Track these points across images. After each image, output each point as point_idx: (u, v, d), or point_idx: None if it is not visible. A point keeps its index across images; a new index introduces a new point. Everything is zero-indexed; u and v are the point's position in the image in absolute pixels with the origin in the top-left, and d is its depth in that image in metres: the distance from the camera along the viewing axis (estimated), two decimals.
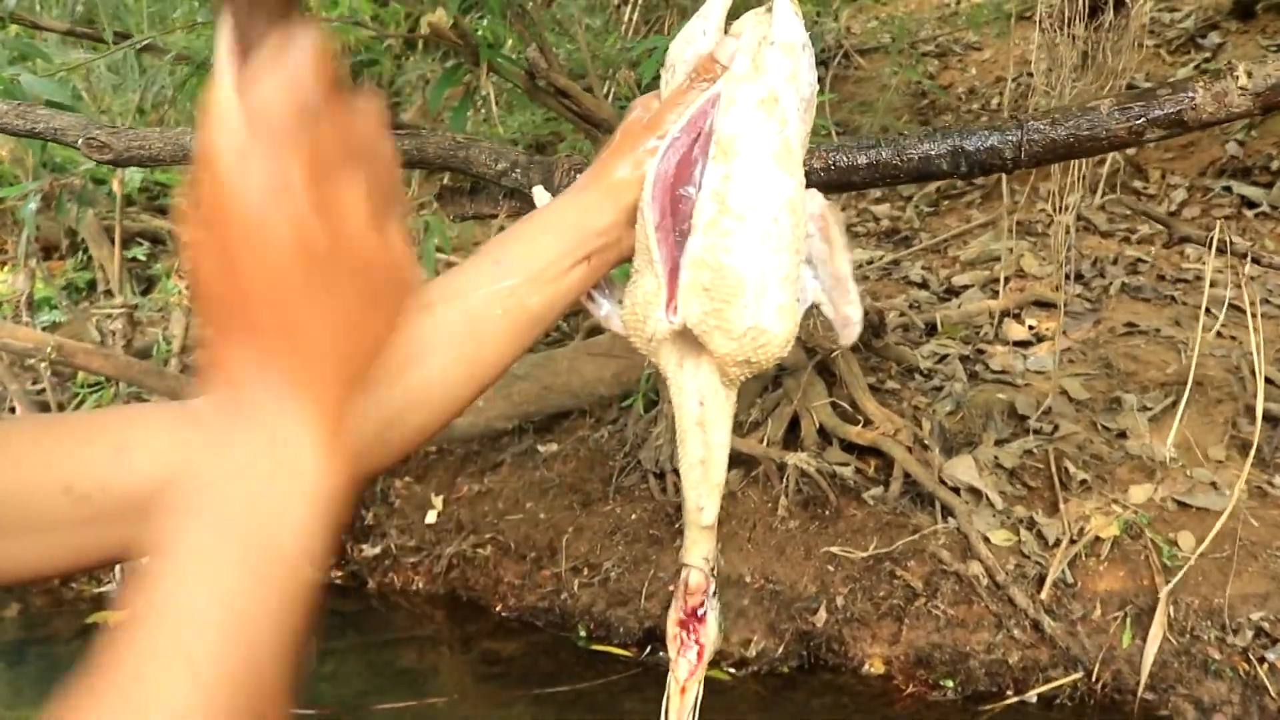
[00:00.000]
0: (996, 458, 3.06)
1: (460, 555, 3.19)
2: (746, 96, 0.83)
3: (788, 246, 0.82)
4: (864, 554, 2.89)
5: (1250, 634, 2.55)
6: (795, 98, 0.85)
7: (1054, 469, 2.98)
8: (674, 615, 0.91)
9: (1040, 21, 2.20)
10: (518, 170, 1.33)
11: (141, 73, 1.80)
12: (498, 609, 3.13)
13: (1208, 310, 3.50)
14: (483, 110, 2.55)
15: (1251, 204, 4.01)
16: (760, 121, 0.82)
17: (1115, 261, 3.82)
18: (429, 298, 0.79)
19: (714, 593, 0.94)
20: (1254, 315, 1.42)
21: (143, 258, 4.90)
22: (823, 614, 2.84)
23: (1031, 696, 2.63)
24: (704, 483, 0.90)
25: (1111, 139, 1.16)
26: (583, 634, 3.01)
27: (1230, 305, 3.45)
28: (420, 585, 3.25)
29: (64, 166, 2.80)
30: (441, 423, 0.81)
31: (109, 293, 4.23)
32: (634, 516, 3.13)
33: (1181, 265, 3.79)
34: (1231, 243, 1.31)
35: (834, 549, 2.90)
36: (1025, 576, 2.75)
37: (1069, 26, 2.13)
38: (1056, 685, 2.63)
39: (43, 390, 3.63)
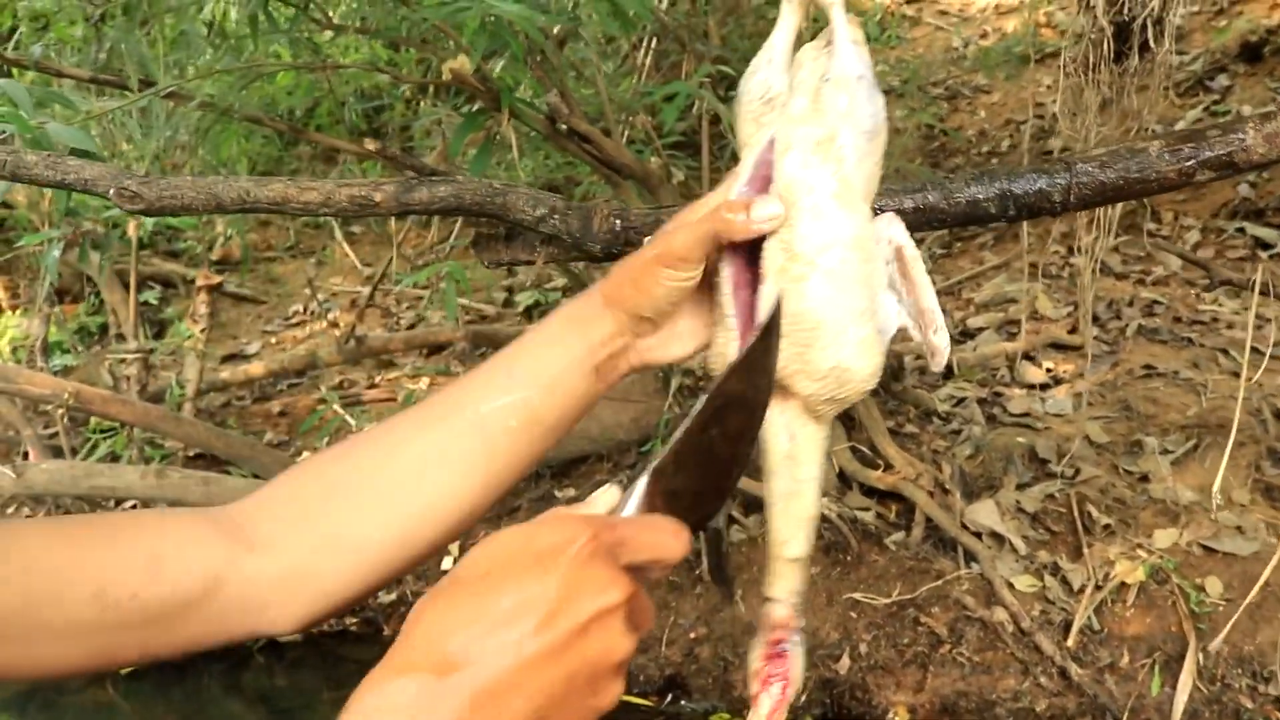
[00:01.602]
0: (1018, 502, 3.03)
1: None
2: (803, 139, 0.83)
3: (859, 282, 0.82)
4: (887, 600, 2.85)
5: None
6: (853, 133, 0.84)
7: (1076, 513, 2.96)
8: (756, 652, 0.89)
9: (1064, 66, 2.21)
10: (556, 216, 1.33)
11: (167, 119, 1.81)
12: None
13: (1225, 351, 3.48)
14: (505, 155, 2.56)
15: (1265, 245, 4.01)
16: (817, 164, 0.82)
17: (1131, 303, 3.81)
18: (443, 410, 0.79)
19: (799, 628, 0.92)
20: None
21: (154, 301, 4.91)
22: (846, 661, 2.81)
23: None
24: (789, 516, 0.89)
25: (1162, 181, 1.15)
26: None
27: (1252, 349, 3.44)
28: None
29: (76, 211, 2.81)
30: (453, 536, 0.82)
31: (121, 336, 4.23)
32: None
33: (1198, 308, 3.78)
34: (1275, 287, 1.29)
35: (856, 595, 2.87)
36: (1051, 623, 2.72)
37: (1094, 71, 2.14)
38: None
39: (55, 435, 3.61)
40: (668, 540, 0.62)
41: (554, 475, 3.29)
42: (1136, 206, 4.24)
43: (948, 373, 3.69)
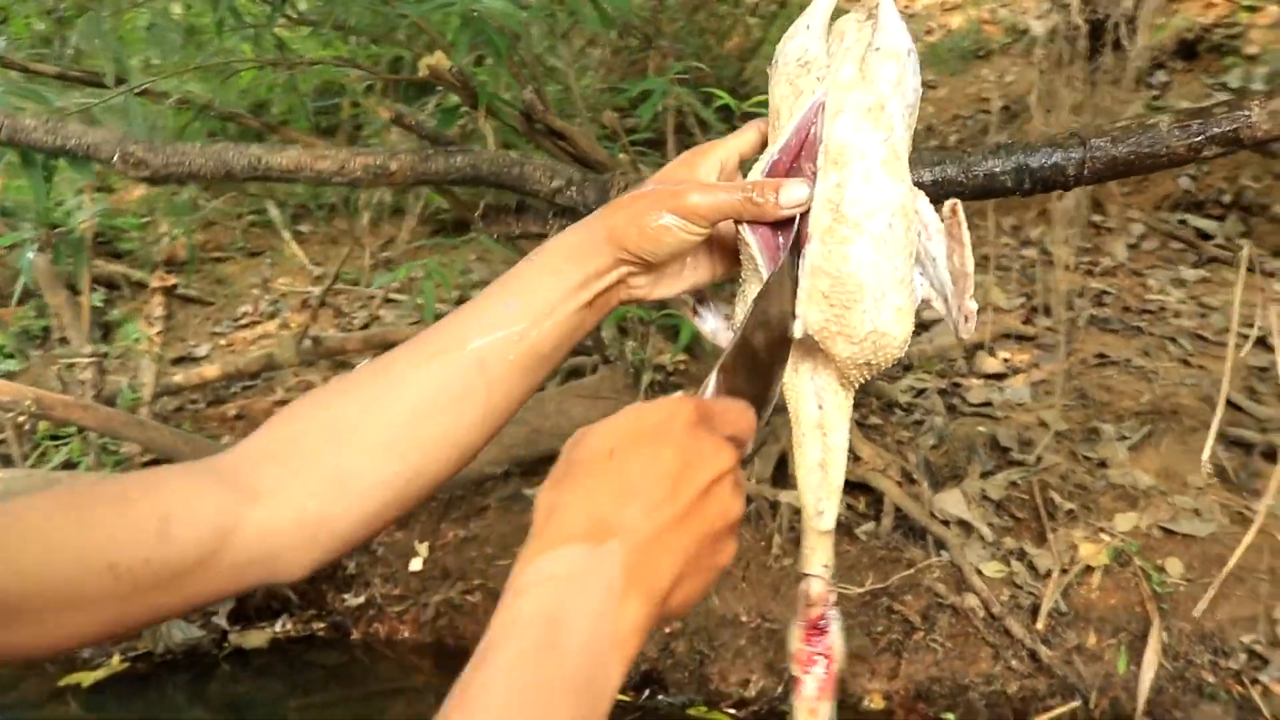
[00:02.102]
0: (983, 490, 3.09)
1: (447, 603, 3.14)
2: (855, 104, 0.84)
3: (902, 250, 0.83)
4: (860, 589, 2.89)
5: (1243, 657, 2.60)
6: (901, 104, 0.85)
7: (1039, 499, 3.03)
8: (795, 631, 0.89)
9: (1039, 63, 2.26)
10: (573, 188, 1.33)
11: (145, 118, 1.78)
12: None
13: (1174, 339, 3.58)
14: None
15: (1206, 236, 4.13)
16: (868, 129, 0.83)
17: (1081, 294, 3.91)
18: (439, 344, 0.79)
19: (835, 602, 0.93)
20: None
21: (99, 303, 4.79)
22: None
23: None
24: (824, 486, 0.89)
25: (1172, 155, 1.19)
26: None
27: (1195, 335, 3.54)
28: (406, 634, 3.19)
29: (38, 214, 2.74)
30: (456, 470, 0.83)
31: (64, 340, 4.12)
32: None
33: (1145, 297, 3.88)
34: (1262, 264, 1.34)
35: None
36: (1020, 607, 2.78)
37: (1067, 67, 2.20)
38: (1056, 715, 2.65)
39: (3, 440, 3.52)
40: (746, 415, 0.69)
41: (523, 473, 3.28)
42: (1082, 198, 4.34)
43: (906, 365, 3.74)
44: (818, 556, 0.90)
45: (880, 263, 0.81)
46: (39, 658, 0.69)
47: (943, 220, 0.87)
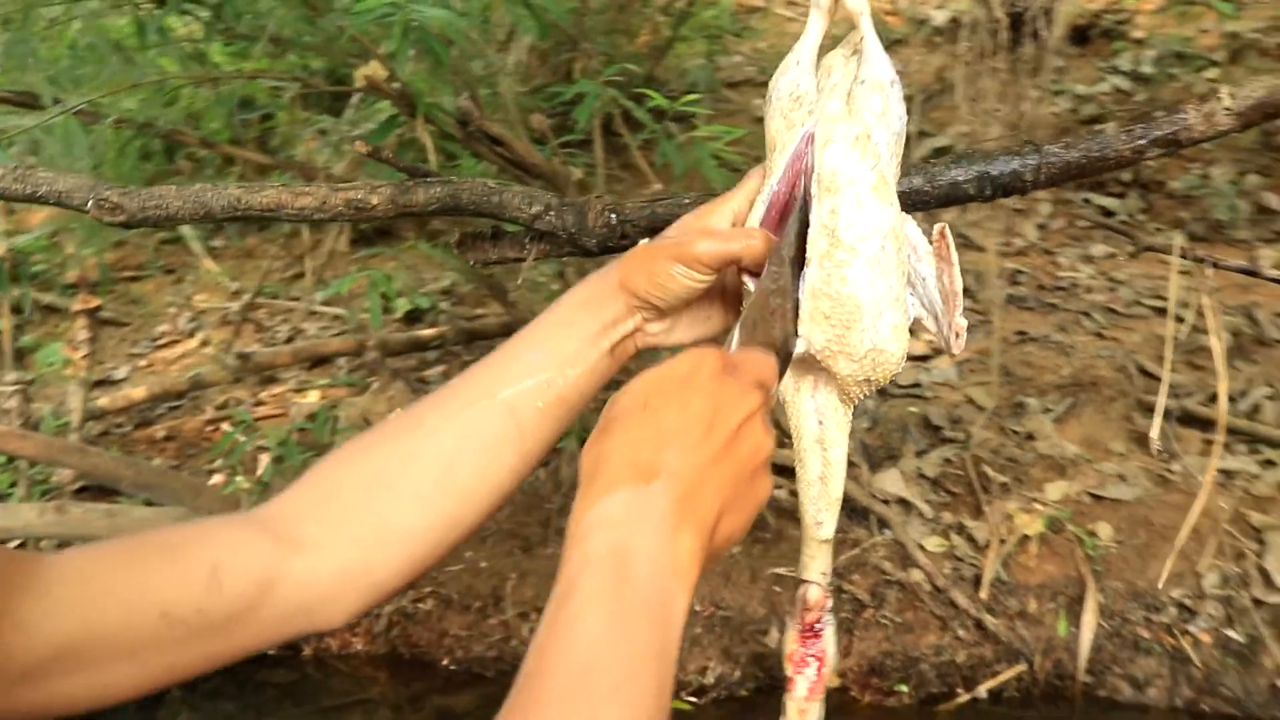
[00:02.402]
0: (919, 468, 3.19)
1: (400, 612, 3.13)
2: (843, 134, 0.88)
3: (895, 270, 0.88)
4: (791, 571, 2.97)
5: (1173, 611, 2.74)
6: (886, 133, 0.90)
7: (973, 474, 3.14)
8: (791, 633, 0.93)
9: (962, 55, 2.36)
10: (551, 213, 1.35)
11: (86, 135, 1.75)
12: (445, 663, 3.08)
13: (1087, 314, 3.74)
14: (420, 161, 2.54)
15: (1109, 213, 4.31)
16: (856, 157, 0.88)
17: (998, 274, 4.04)
18: (469, 396, 0.82)
19: (830, 607, 0.98)
20: (1213, 317, 1.55)
21: (6, 328, 4.64)
22: (774, 635, 2.91)
23: (981, 692, 2.76)
24: (823, 498, 0.94)
25: (1119, 158, 1.26)
26: None
27: (1107, 309, 3.70)
28: (359, 647, 3.17)
29: None
30: (490, 515, 0.86)
31: None
32: None
33: (1057, 275, 4.04)
34: (1194, 250, 1.44)
35: (780, 570, 2.98)
36: (963, 578, 2.89)
37: (990, 57, 2.30)
38: (1003, 679, 2.76)
39: None
40: (768, 361, 0.75)
41: None
42: None
43: None
44: (816, 564, 0.95)
45: (876, 283, 0.86)
46: (94, 709, 0.70)
47: (931, 243, 0.93)
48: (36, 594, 0.66)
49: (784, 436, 0.95)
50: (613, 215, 1.35)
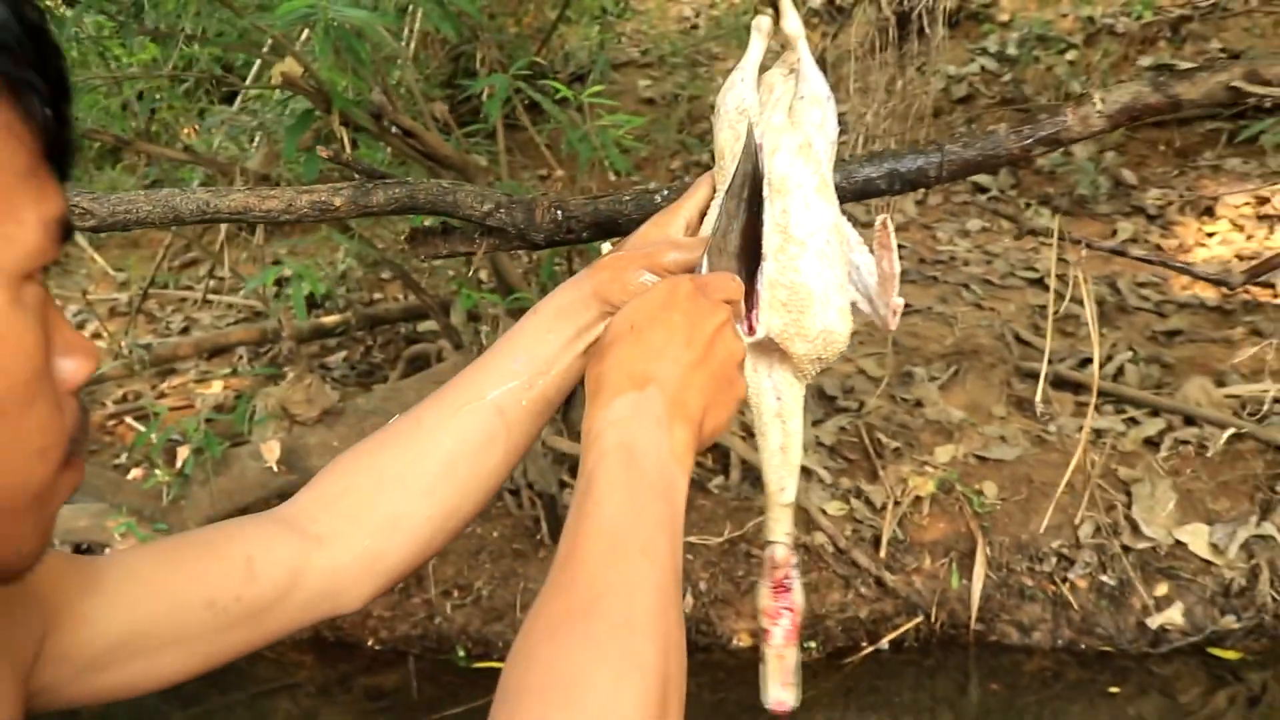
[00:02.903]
0: (817, 437, 3.37)
1: None
2: (788, 144, 1.01)
3: (838, 260, 1.00)
4: (718, 539, 3.13)
5: (1053, 560, 2.98)
6: (824, 141, 1.03)
7: (868, 440, 3.33)
8: (763, 590, 1.05)
9: (854, 50, 2.51)
10: (502, 210, 1.44)
11: None
12: (370, 643, 3.14)
13: (966, 286, 3.97)
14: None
15: (983, 189, 4.57)
16: (801, 164, 1.00)
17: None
18: (462, 398, 0.93)
19: (796, 563, 1.10)
20: (1088, 293, 1.73)
21: None
22: (689, 599, 3.06)
23: (884, 644, 2.96)
24: (785, 466, 1.05)
25: (1009, 155, 1.43)
26: (462, 654, 3.08)
27: (984, 280, 3.94)
28: None
29: None
30: (486, 503, 0.96)
31: None
32: (496, 534, 3.23)
33: (936, 249, 4.27)
34: (1070, 233, 1.61)
35: (691, 539, 3.12)
36: (863, 539, 3.08)
37: (879, 53, 2.45)
38: (903, 631, 2.97)
39: None
40: (733, 281, 0.88)
41: None
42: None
43: None
44: (781, 526, 1.05)
45: (824, 272, 0.98)
46: (142, 692, 0.79)
47: (874, 231, 1.05)
48: (99, 592, 0.74)
49: (743, 408, 1.07)
50: (559, 212, 1.45)
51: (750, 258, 1.00)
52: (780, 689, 0.96)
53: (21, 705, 0.66)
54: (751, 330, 0.98)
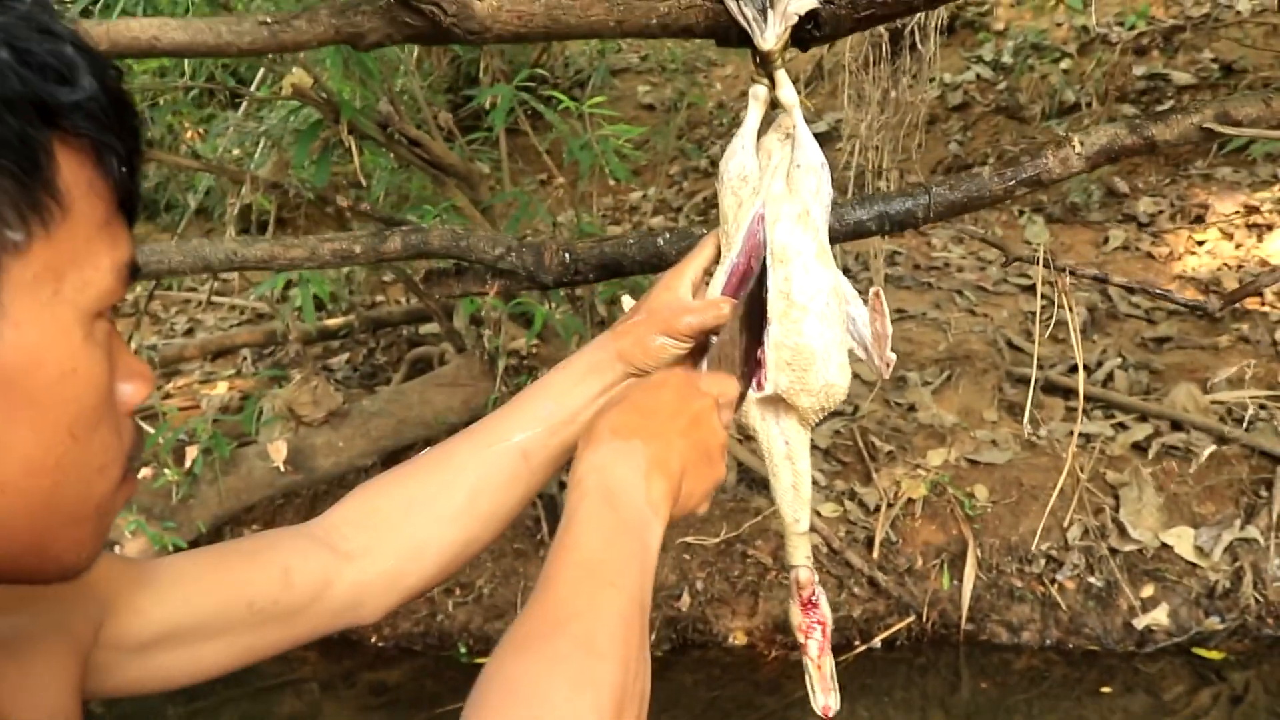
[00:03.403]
0: (812, 440, 3.43)
1: None
2: (787, 213, 1.07)
3: (837, 320, 1.07)
4: (715, 540, 3.19)
5: (1042, 562, 3.05)
6: (820, 208, 1.09)
7: (861, 444, 3.40)
8: (794, 609, 1.13)
9: (848, 65, 2.59)
10: (512, 254, 1.51)
11: None
12: (373, 640, 3.21)
13: (960, 292, 4.04)
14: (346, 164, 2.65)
15: None
16: (800, 232, 1.07)
17: (875, 255, 4.32)
18: (491, 438, 1.01)
19: (818, 581, 1.17)
20: (1071, 313, 1.80)
21: None
22: (686, 599, 3.13)
23: (876, 643, 3.03)
24: (797, 500, 1.13)
25: (992, 196, 1.50)
26: (463, 651, 3.15)
27: (978, 287, 4.01)
28: None
29: None
30: (499, 534, 1.05)
31: None
32: None
33: (930, 255, 4.34)
34: (1053, 256, 1.67)
35: (688, 539, 3.19)
36: (856, 540, 3.15)
37: (872, 68, 2.52)
38: (895, 630, 3.04)
39: None
40: (728, 380, 0.96)
41: (388, 463, 3.40)
42: (868, 167, 4.77)
43: None
44: (800, 552, 1.13)
45: (825, 332, 1.05)
46: (182, 684, 0.86)
47: (867, 301, 1.12)
48: (151, 588, 0.82)
49: (746, 439, 1.14)
50: (567, 255, 1.52)
51: (756, 320, 1.08)
52: (824, 695, 1.06)
53: (81, 685, 0.73)
54: (760, 387, 1.05)
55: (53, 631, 0.71)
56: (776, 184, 1.09)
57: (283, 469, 2.97)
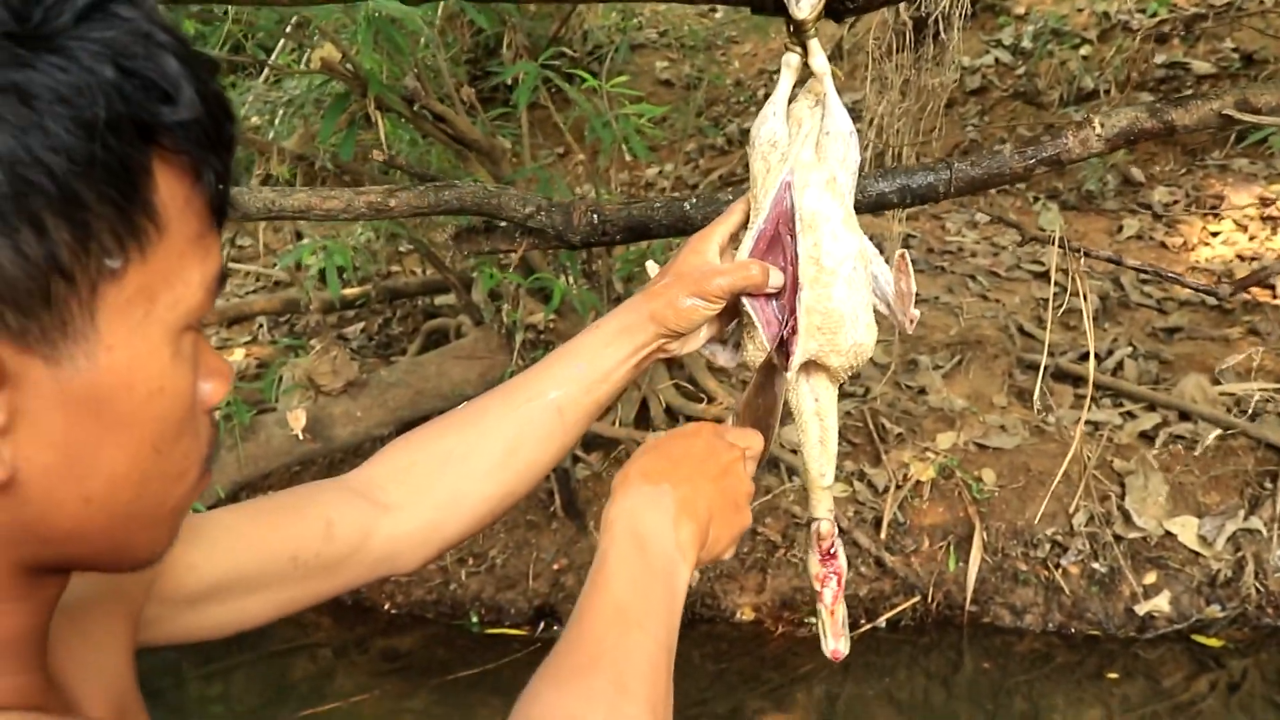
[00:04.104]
0: None
1: None
2: (816, 180, 1.11)
3: (864, 284, 1.11)
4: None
5: (1047, 547, 3.09)
6: (848, 175, 1.13)
7: (872, 425, 3.44)
8: (813, 559, 1.17)
9: (871, 52, 2.61)
10: (542, 213, 1.54)
11: None
12: (386, 608, 3.27)
13: (973, 277, 4.06)
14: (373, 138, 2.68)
15: None
16: (828, 198, 1.10)
17: (891, 239, 4.35)
18: (526, 394, 1.04)
19: (837, 534, 1.21)
20: (1085, 297, 1.82)
21: None
22: (695, 574, 3.17)
23: (881, 622, 3.08)
24: (824, 455, 1.17)
25: (1012, 174, 1.53)
26: (475, 620, 3.21)
27: (990, 272, 4.03)
28: None
29: None
30: (533, 488, 1.08)
31: None
32: None
33: (945, 239, 4.36)
34: (1068, 240, 1.70)
35: None
36: (864, 520, 3.19)
37: (895, 55, 2.54)
38: (900, 610, 3.09)
39: None
40: (753, 435, 0.98)
41: (401, 432, 3.45)
42: (886, 148, 4.78)
43: None
44: (823, 505, 1.17)
45: (853, 296, 1.08)
46: (229, 634, 0.90)
47: (891, 264, 1.15)
48: (199, 542, 0.85)
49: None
50: (595, 215, 1.55)
51: (788, 286, 1.11)
52: (834, 640, 1.09)
53: (133, 645, 0.77)
54: (789, 356, 1.09)
55: (109, 594, 0.74)
56: (805, 151, 1.12)
57: (301, 437, 3.01)
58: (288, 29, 2.95)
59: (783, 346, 1.09)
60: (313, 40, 2.46)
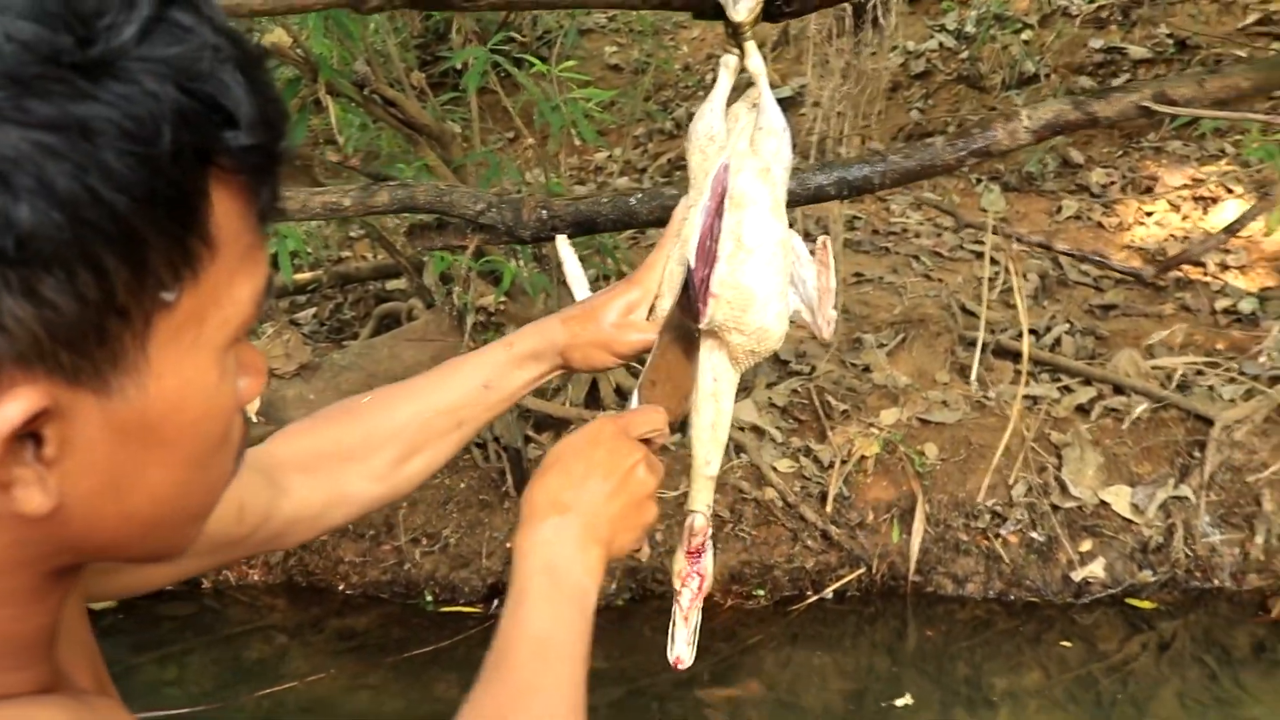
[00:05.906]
0: (770, 398, 3.55)
1: None
2: (750, 166, 1.16)
3: (781, 271, 1.15)
4: (674, 493, 3.30)
5: (988, 518, 3.19)
6: (780, 168, 1.18)
7: (818, 403, 3.52)
8: (679, 554, 1.19)
9: (813, 37, 2.67)
10: (492, 210, 1.59)
11: None
12: (341, 588, 3.30)
13: (916, 257, 4.15)
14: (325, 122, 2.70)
15: None
16: (759, 184, 1.15)
17: (835, 220, 4.42)
18: (430, 403, 1.07)
19: (711, 534, 1.24)
20: (1016, 281, 1.90)
21: None
22: (646, 550, 3.21)
23: (828, 594, 3.16)
24: (713, 441, 1.20)
25: (944, 165, 1.60)
26: (429, 598, 3.25)
27: (934, 253, 4.12)
28: (256, 578, 3.35)
29: None
30: (416, 486, 1.14)
31: None
32: (463, 485, 3.39)
33: (889, 221, 4.45)
34: (1004, 225, 1.76)
35: None
36: (811, 495, 3.27)
37: (835, 39, 2.61)
38: (845, 581, 3.17)
39: None
40: (656, 415, 1.03)
41: None
42: (830, 134, 4.86)
43: None
44: (702, 497, 1.17)
45: (767, 279, 1.12)
46: (125, 597, 0.96)
47: (813, 251, 1.20)
48: None
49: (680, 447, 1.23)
50: (544, 211, 1.60)
51: (708, 258, 1.16)
52: (681, 646, 1.10)
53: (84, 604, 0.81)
54: (698, 318, 1.13)
55: None
56: (742, 142, 1.17)
57: (255, 419, 3.03)
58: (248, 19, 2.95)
59: (692, 309, 1.13)
60: (262, 25, 2.47)
